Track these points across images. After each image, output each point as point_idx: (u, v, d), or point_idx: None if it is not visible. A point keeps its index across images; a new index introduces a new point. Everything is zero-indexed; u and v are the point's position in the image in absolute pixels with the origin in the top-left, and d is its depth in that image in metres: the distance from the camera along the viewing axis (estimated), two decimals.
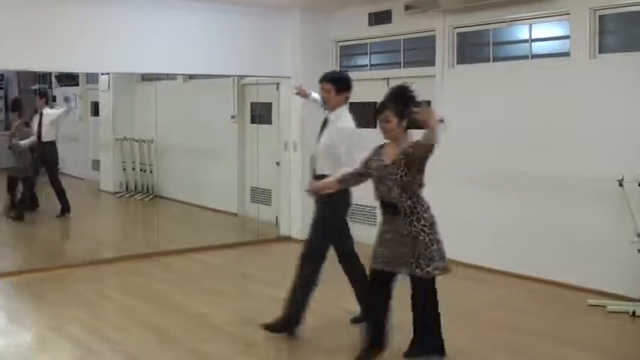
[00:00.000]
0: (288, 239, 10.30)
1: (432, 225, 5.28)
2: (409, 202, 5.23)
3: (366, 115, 10.13)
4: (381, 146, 5.49)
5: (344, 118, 6.38)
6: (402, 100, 5.36)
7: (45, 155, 12.04)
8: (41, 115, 11.94)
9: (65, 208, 12.21)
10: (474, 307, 7.20)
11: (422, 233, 5.19)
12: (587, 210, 7.59)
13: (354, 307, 6.45)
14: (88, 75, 16.69)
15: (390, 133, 5.41)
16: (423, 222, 5.22)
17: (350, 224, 6.51)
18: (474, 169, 8.65)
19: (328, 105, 6.43)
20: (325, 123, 6.49)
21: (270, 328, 6.14)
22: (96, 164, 16.57)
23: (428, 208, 5.35)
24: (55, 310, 7.10)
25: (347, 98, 6.42)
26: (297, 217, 10.37)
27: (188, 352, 5.89)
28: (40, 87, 19.30)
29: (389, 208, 5.30)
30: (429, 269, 5.16)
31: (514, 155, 8.24)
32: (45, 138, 11.95)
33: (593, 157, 7.51)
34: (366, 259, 5.70)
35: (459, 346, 5.90)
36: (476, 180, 8.64)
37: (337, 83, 6.40)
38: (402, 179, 5.22)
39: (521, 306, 7.24)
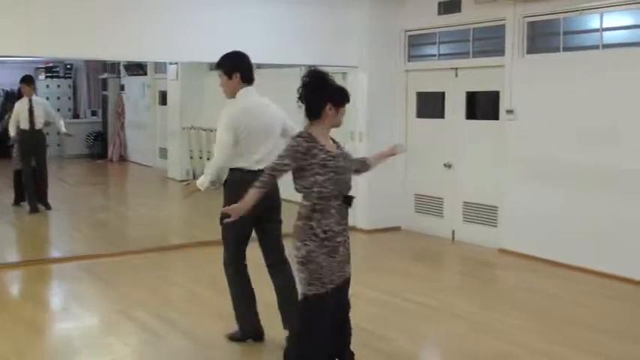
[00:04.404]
0: (353, 229, 10.10)
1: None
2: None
3: (435, 104, 10.12)
4: (308, 133, 4.55)
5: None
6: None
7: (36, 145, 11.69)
8: (30, 102, 11.48)
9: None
10: (548, 304, 7.05)
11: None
12: None
13: None
14: (156, 64, 16.94)
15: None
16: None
17: None
18: (542, 161, 8.51)
19: (226, 94, 5.73)
20: None
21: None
22: (163, 152, 16.82)
23: None
24: (122, 293, 7.20)
25: (242, 78, 5.66)
26: (362, 208, 10.28)
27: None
28: (109, 76, 19.63)
29: (348, 202, 4.57)
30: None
31: (585, 148, 8.06)
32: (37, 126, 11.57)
33: None
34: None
35: (524, 342, 5.86)
36: (544, 173, 8.50)
37: (224, 67, 5.67)
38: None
39: (596, 304, 7.07)
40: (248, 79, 5.67)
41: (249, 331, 5.75)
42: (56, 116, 12.09)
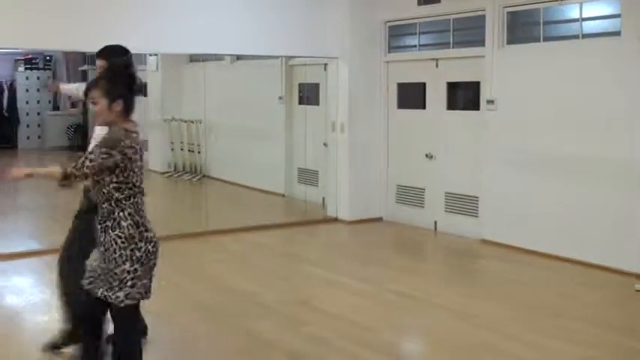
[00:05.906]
0: (334, 220, 10.26)
1: (131, 238, 4.16)
2: (106, 203, 4.14)
3: (415, 95, 10.13)
4: None
5: None
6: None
7: None
8: None
9: None
10: (531, 294, 7.09)
11: (114, 245, 4.10)
12: (638, 194, 7.47)
13: None
14: (135, 56, 16.81)
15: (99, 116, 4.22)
16: (118, 231, 4.11)
17: None
18: (523, 151, 8.55)
19: None
20: None
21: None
22: (144, 144, 16.69)
23: (130, 215, 4.20)
24: None
25: None
26: (344, 199, 10.35)
27: (237, 330, 5.91)
28: (89, 68, 19.50)
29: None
30: (120, 295, 4.09)
31: (565, 137, 8.11)
32: None
33: None
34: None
35: (506, 332, 5.89)
36: (524, 162, 8.54)
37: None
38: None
39: (578, 293, 7.10)
40: None
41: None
42: None
